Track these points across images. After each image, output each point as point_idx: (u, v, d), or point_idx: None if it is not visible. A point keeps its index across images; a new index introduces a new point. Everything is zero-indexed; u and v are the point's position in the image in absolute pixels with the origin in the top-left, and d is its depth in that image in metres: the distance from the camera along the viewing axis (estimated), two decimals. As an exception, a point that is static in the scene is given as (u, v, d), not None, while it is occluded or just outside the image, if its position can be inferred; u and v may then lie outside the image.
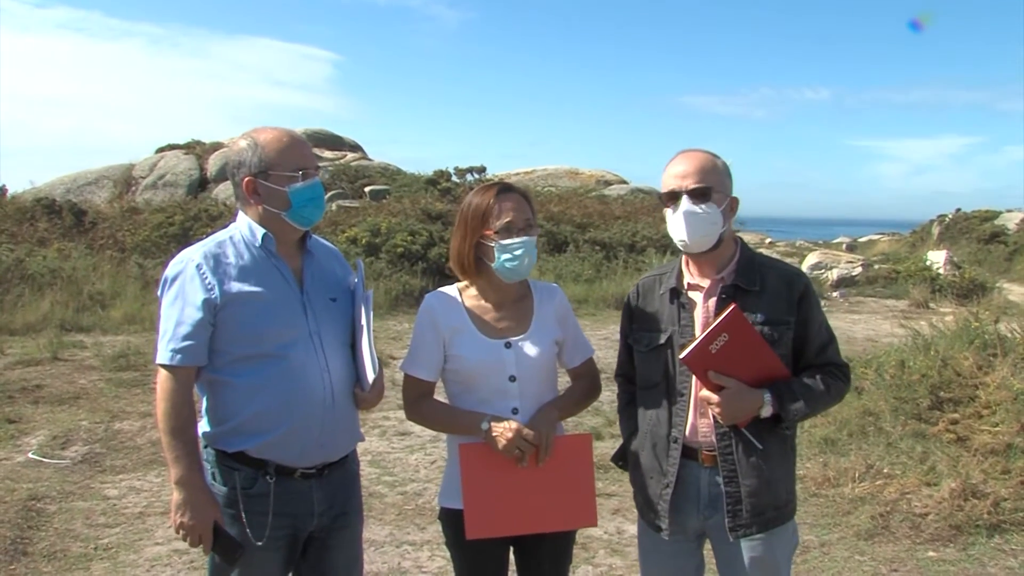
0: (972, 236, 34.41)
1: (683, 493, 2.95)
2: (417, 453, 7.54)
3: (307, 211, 2.96)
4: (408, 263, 17.83)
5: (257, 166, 2.89)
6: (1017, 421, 6.89)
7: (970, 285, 19.48)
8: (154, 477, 6.80)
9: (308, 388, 2.88)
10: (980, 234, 34.06)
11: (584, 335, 3.33)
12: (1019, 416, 6.93)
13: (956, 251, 28.67)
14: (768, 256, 3.20)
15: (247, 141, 2.93)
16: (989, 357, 8.29)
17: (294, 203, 2.91)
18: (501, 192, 3.05)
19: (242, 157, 2.91)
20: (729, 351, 2.73)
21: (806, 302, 2.93)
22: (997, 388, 7.48)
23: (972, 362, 8.12)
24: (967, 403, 7.54)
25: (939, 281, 20.30)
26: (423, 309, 3.13)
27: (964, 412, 7.39)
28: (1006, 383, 7.47)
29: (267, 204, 2.91)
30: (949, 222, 38.10)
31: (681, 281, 3.02)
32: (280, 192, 2.89)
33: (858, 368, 9.01)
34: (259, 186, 2.90)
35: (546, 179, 35.45)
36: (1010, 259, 29.23)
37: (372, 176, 30.15)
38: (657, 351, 3.01)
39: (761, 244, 35.70)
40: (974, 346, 8.59)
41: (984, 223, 35.45)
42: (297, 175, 2.91)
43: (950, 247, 29.96)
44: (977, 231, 34.69)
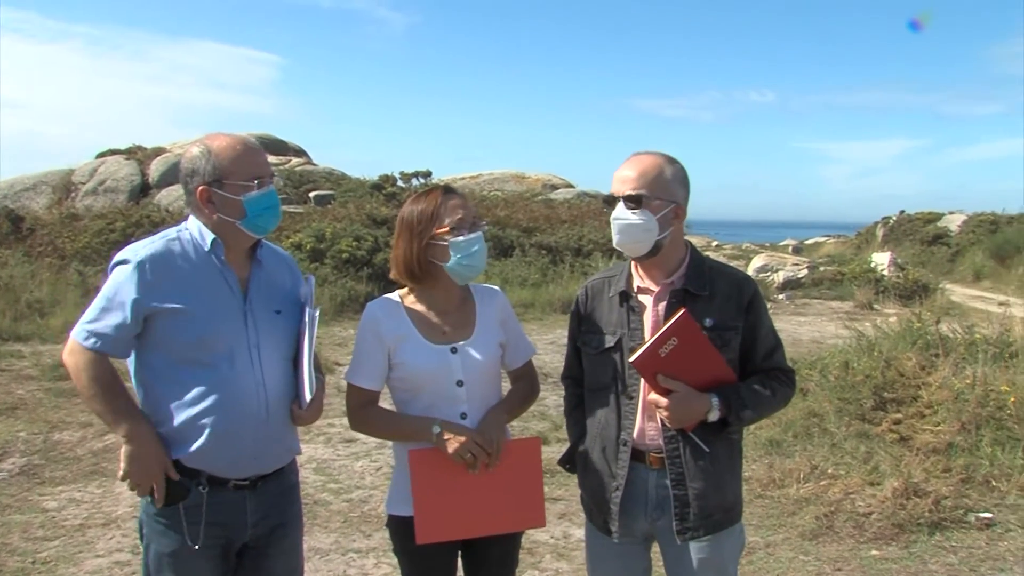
0: (916, 238, 35.08)
1: (632, 496, 2.99)
2: (363, 460, 7.54)
3: (263, 220, 2.95)
4: (353, 269, 17.78)
5: (211, 174, 2.87)
6: (958, 420, 7.08)
7: (914, 286, 19.87)
8: (95, 488, 6.72)
9: (241, 401, 2.86)
10: (924, 236, 34.72)
11: (525, 336, 3.37)
12: (959, 415, 7.12)
13: (900, 253, 29.20)
14: (717, 261, 3.24)
15: (200, 148, 2.90)
16: (932, 357, 8.50)
17: (249, 212, 2.90)
18: (445, 193, 3.09)
19: (195, 165, 2.89)
20: (678, 355, 2.78)
21: (754, 307, 2.99)
22: (939, 388, 7.67)
23: (915, 362, 8.32)
24: (910, 403, 7.73)
25: (883, 282, 20.68)
26: (366, 318, 3.14)
27: (907, 412, 7.57)
28: (947, 383, 7.66)
29: (222, 213, 2.89)
30: (893, 224, 38.80)
31: (630, 284, 3.06)
32: (235, 201, 2.88)
33: (803, 370, 9.17)
34: (213, 195, 2.88)
35: (492, 183, 35.48)
36: (953, 260, 29.83)
37: (317, 181, 29.98)
38: (606, 354, 3.04)
39: (707, 247, 36.08)
40: (917, 347, 8.80)
41: (927, 225, 36.15)
42: (252, 184, 2.90)
43: (894, 249, 30.52)
44: (921, 233, 35.36)
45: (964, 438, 6.96)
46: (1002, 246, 27.61)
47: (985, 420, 7.11)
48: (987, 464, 6.58)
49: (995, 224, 32.11)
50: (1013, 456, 6.64)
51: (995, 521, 5.84)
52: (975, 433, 7.01)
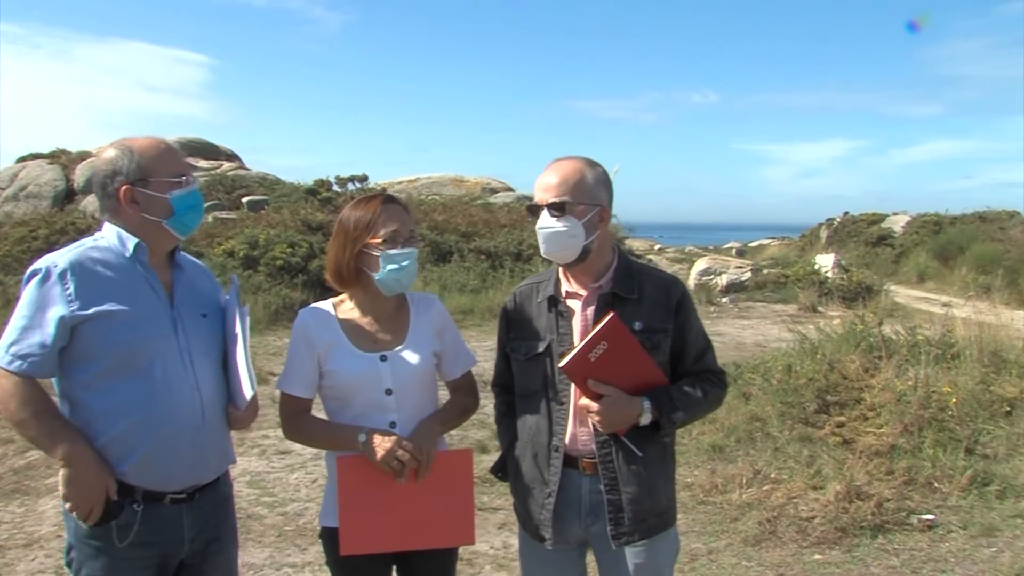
0: (860, 239, 35.70)
1: (565, 502, 3.02)
2: (298, 472, 7.50)
3: (189, 218, 2.95)
4: (288, 276, 17.66)
5: (136, 173, 2.85)
6: (900, 422, 7.23)
7: (858, 288, 20.21)
8: (16, 507, 6.61)
9: (177, 406, 2.85)
10: (868, 237, 35.36)
11: (465, 346, 3.38)
12: (902, 417, 7.27)
13: (844, 254, 29.69)
14: (645, 264, 3.30)
15: (118, 149, 2.89)
16: (875, 359, 8.67)
17: (176, 210, 2.89)
18: (386, 202, 3.10)
19: (116, 165, 2.87)
20: (608, 359, 2.81)
21: (683, 309, 3.04)
22: (881, 390, 7.83)
23: (858, 365, 8.48)
24: (853, 406, 7.87)
25: (827, 284, 21.01)
26: (297, 326, 3.15)
27: (850, 415, 7.71)
28: (890, 385, 7.83)
29: (146, 212, 2.87)
30: (837, 225, 39.43)
31: (559, 289, 3.09)
32: (161, 199, 2.87)
33: (746, 374, 9.31)
34: (138, 194, 2.86)
35: (430, 187, 35.42)
36: (897, 261, 30.40)
37: (250, 186, 29.69)
38: (536, 360, 3.07)
39: (650, 251, 36.34)
40: (860, 349, 8.97)
41: (871, 226, 36.80)
42: (179, 180, 2.90)
43: (838, 250, 31.02)
44: (865, 234, 35.99)
45: (907, 440, 7.11)
46: (945, 247, 28.24)
47: (927, 422, 7.28)
48: (929, 466, 6.73)
49: (938, 225, 32.81)
50: (955, 457, 6.80)
51: (937, 523, 5.98)
52: (917, 435, 7.17)
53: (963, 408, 7.43)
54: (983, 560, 5.49)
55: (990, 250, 25.33)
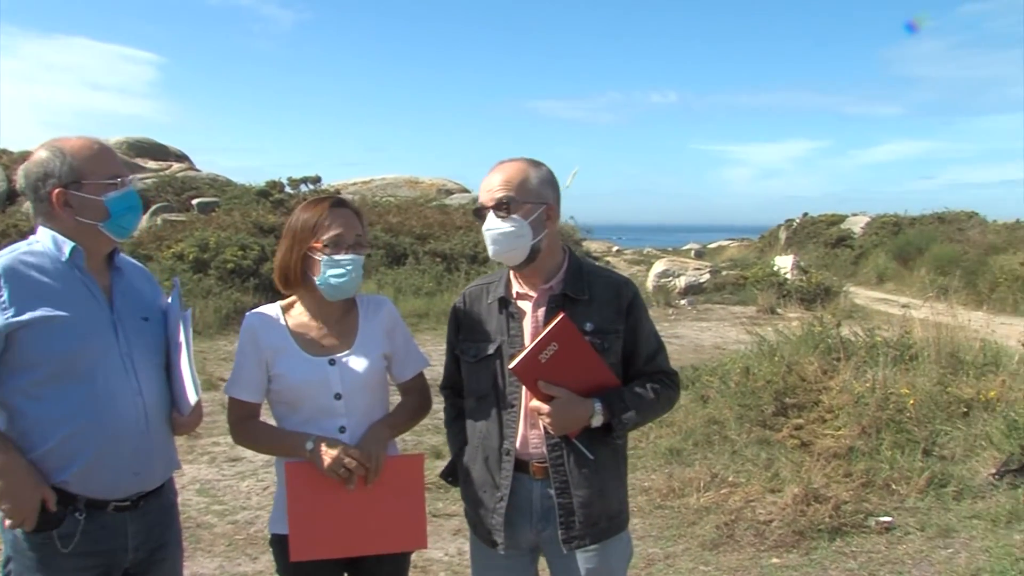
0: (819, 240, 36.13)
1: (516, 506, 3.02)
2: (249, 479, 7.45)
3: (126, 220, 2.91)
4: (239, 279, 17.57)
5: (68, 176, 2.81)
6: (858, 424, 7.32)
7: (817, 289, 20.44)
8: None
9: (119, 412, 2.81)
10: (827, 238, 35.78)
11: (417, 347, 3.37)
12: (860, 419, 7.36)
13: (803, 255, 30.01)
14: (596, 265, 3.31)
15: (50, 151, 2.83)
16: (833, 361, 8.78)
17: (113, 212, 2.85)
18: (334, 205, 3.08)
19: (48, 168, 2.81)
20: (558, 361, 2.81)
21: (635, 310, 3.05)
22: (839, 392, 7.92)
23: (816, 367, 8.57)
24: (811, 408, 7.96)
25: (786, 286, 21.24)
26: (244, 329, 3.14)
27: (808, 417, 7.80)
28: (848, 387, 7.92)
29: (81, 216, 2.83)
30: (796, 227, 39.86)
31: (509, 290, 3.09)
32: (96, 202, 2.83)
33: (704, 376, 9.39)
34: (71, 197, 2.82)
35: (385, 189, 35.37)
36: (856, 263, 30.79)
37: (200, 188, 29.41)
38: (486, 362, 3.07)
39: (608, 252, 36.49)
40: (818, 351, 9.07)
41: (831, 227, 37.24)
42: (115, 182, 2.86)
43: (797, 252, 31.36)
44: (824, 235, 36.42)
45: (865, 442, 7.19)
46: (904, 248, 28.69)
47: (885, 423, 7.37)
48: (887, 468, 6.82)
49: (898, 226, 33.28)
50: (912, 459, 6.89)
51: (895, 525, 6.05)
52: (875, 437, 7.26)
53: (921, 409, 7.53)
54: (940, 561, 5.57)
55: (949, 251, 25.75)
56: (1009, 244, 25.28)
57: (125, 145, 32.66)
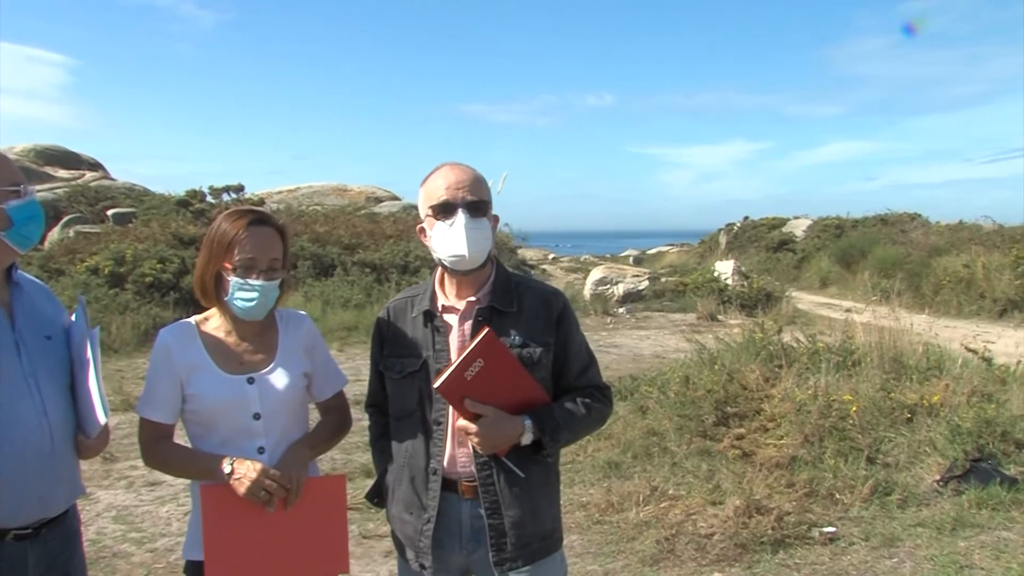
0: (760, 244, 36.64)
1: (445, 527, 3.01)
2: (169, 504, 7.36)
3: (28, 230, 2.87)
4: (158, 294, 17.35)
5: None
6: (800, 432, 7.45)
7: (758, 295, 20.71)
8: None
9: (23, 435, 2.76)
10: (768, 242, 36.28)
11: (336, 365, 3.37)
12: (802, 427, 7.49)
13: (744, 260, 30.39)
14: (524, 276, 3.32)
15: None
16: (775, 368, 8.92)
17: (16, 221, 2.81)
18: (253, 223, 3.03)
19: None
20: (485, 377, 2.80)
21: (565, 323, 3.07)
22: (781, 400, 8.06)
23: (758, 375, 8.71)
24: (753, 417, 8.08)
25: (727, 292, 21.51)
26: (157, 346, 3.09)
27: (750, 426, 7.91)
28: (790, 394, 8.05)
29: None
30: (737, 231, 40.37)
31: (435, 303, 3.09)
32: None
33: (643, 387, 9.48)
34: None
35: (311, 197, 35.19)
36: (799, 267, 31.27)
37: (115, 197, 29.01)
38: (411, 378, 3.06)
39: (545, 260, 36.65)
40: (760, 358, 9.21)
41: (772, 231, 37.76)
42: (18, 189, 2.82)
43: (738, 256, 31.73)
44: (765, 239, 36.92)
45: (807, 451, 7.33)
46: (847, 251, 29.18)
47: (828, 431, 7.52)
48: (830, 477, 6.95)
49: (840, 228, 33.85)
50: (856, 467, 7.03)
51: (839, 535, 6.17)
52: (818, 445, 7.40)
53: (864, 416, 7.69)
54: (884, 571, 5.69)
55: (892, 253, 26.25)
56: (952, 245, 25.80)
57: (32, 153, 32.10)
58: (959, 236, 27.75)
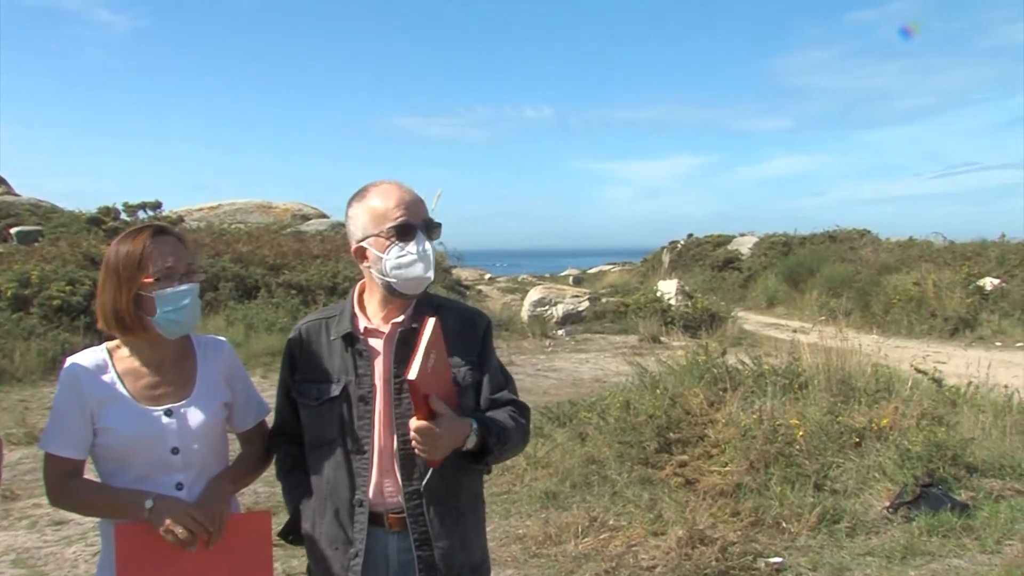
0: (705, 263, 36.99)
1: (371, 563, 2.98)
2: (76, 545, 7.21)
3: None
4: (67, 318, 17.04)
5: None
6: (746, 459, 7.50)
7: (703, 316, 20.90)
8: None
9: None
10: (713, 260, 36.63)
11: (257, 393, 3.32)
12: (747, 453, 7.54)
13: (688, 279, 30.66)
14: (446, 297, 3.35)
15: None
16: (719, 392, 8.97)
17: None
18: (155, 235, 3.00)
19: None
20: (435, 371, 2.75)
21: (487, 344, 3.10)
22: (726, 425, 8.11)
23: (702, 399, 8.76)
24: (696, 443, 8.13)
25: (670, 313, 21.68)
26: (65, 376, 3.00)
27: (693, 453, 7.95)
28: (734, 419, 8.11)
29: None
30: (681, 249, 40.71)
31: (356, 325, 3.06)
32: None
33: (582, 412, 9.48)
34: None
35: (234, 214, 34.86)
36: (745, 286, 31.61)
37: (20, 215, 28.52)
38: (330, 405, 3.02)
39: (481, 280, 36.66)
40: (704, 381, 9.28)
41: (717, 248, 38.12)
42: None
43: (682, 276, 32.01)
44: (710, 257, 37.27)
45: (753, 478, 7.38)
46: (795, 269, 29.53)
47: (774, 457, 7.58)
48: (777, 504, 7.00)
49: (788, 246, 34.24)
50: (803, 494, 7.10)
51: (785, 565, 6.21)
52: (764, 472, 7.45)
53: (811, 441, 7.77)
54: (833, 603, 5.74)
55: (840, 271, 26.62)
56: (902, 263, 26.26)
57: (-77, 166, 31.53)
58: (909, 253, 28.27)
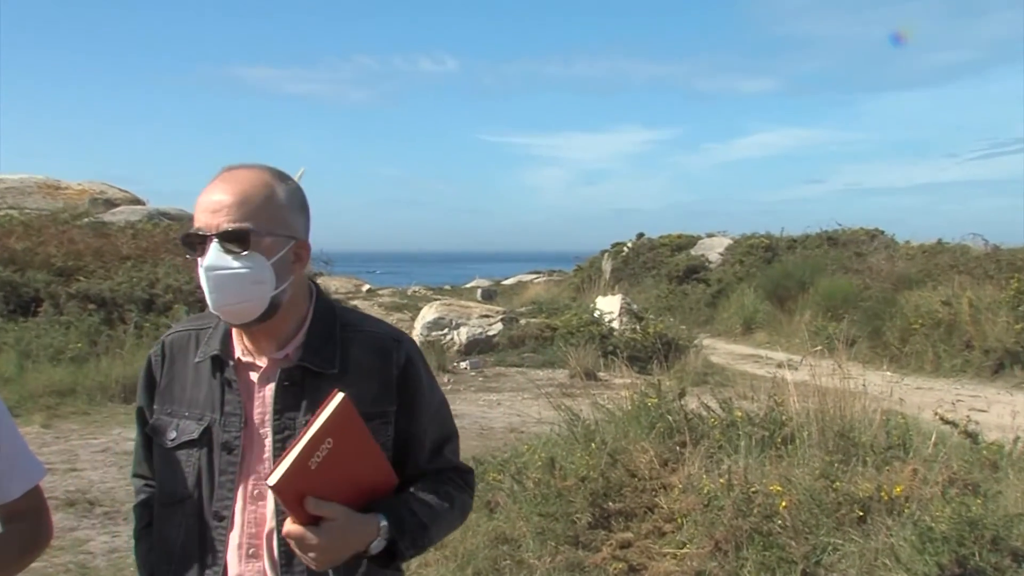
0: (660, 272, 37.05)
1: None
2: None
3: None
4: None
5: None
6: (710, 537, 7.60)
7: (656, 344, 20.94)
8: None
9: None
10: (672, 269, 36.78)
11: (28, 451, 3.16)
12: (712, 530, 7.64)
13: (637, 295, 30.79)
14: (358, 314, 3.26)
15: None
16: (675, 447, 9.06)
17: None
18: None
19: None
20: (334, 462, 2.64)
21: (411, 380, 3.01)
22: (684, 492, 8.21)
23: (652, 456, 8.86)
24: (644, 516, 8.21)
25: (612, 340, 21.76)
26: None
27: (640, 529, 8.04)
28: (695, 483, 8.21)
29: None
30: (628, 254, 40.85)
31: (229, 348, 3.00)
32: None
33: (491, 473, 9.51)
34: None
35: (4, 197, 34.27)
36: (713, 304, 31.75)
37: None
38: (187, 450, 2.95)
39: (356, 292, 36.52)
40: (655, 433, 9.35)
41: (677, 253, 38.29)
42: None
43: (629, 290, 32.12)
44: (668, 265, 37.41)
45: (719, 563, 7.47)
46: (781, 282, 29.63)
47: (748, 536, 7.65)
48: (751, 601, 7.11)
49: (771, 251, 34.51)
50: (787, 587, 7.21)
51: None
52: (735, 555, 7.54)
53: (799, 515, 7.84)
54: None
55: (843, 286, 26.82)
56: (927, 275, 26.32)
57: None
58: (937, 262, 28.22)
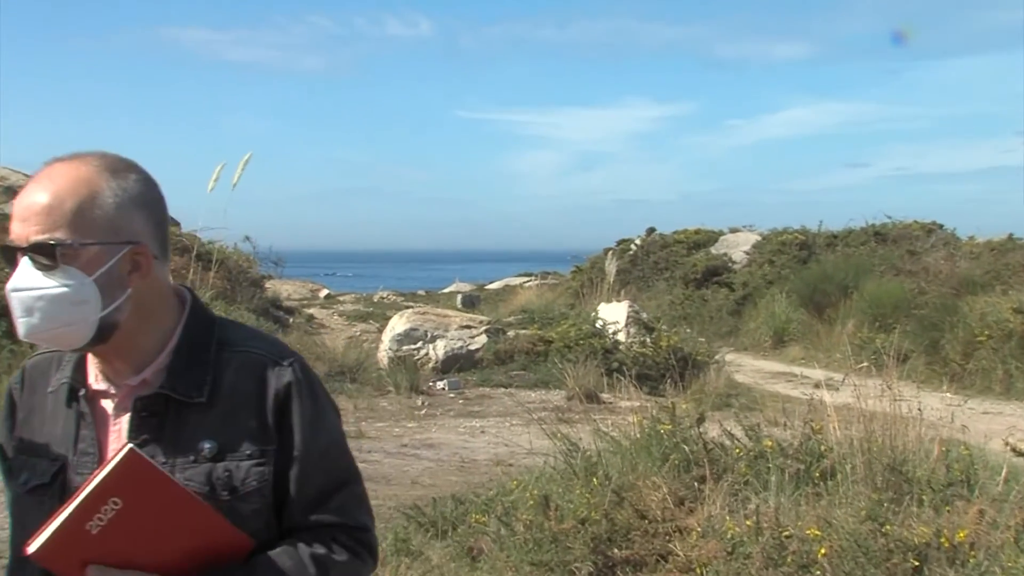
0: (675, 275, 37.08)
1: None
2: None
3: None
4: None
5: None
6: (737, 590, 7.47)
7: (669, 359, 20.86)
8: None
9: None
10: (688, 271, 36.79)
11: None
12: (739, 581, 7.51)
13: (648, 301, 30.77)
14: (245, 331, 3.15)
15: None
16: (693, 483, 8.93)
17: None
18: None
19: None
20: (126, 526, 2.57)
21: (289, 413, 2.89)
22: (703, 536, 8.06)
23: (665, 493, 8.72)
24: (656, 565, 8.09)
25: (618, 355, 21.66)
26: None
27: (652, 581, 7.91)
28: (717, 526, 8.07)
29: None
30: (636, 253, 40.86)
31: (83, 375, 2.90)
32: None
33: (473, 515, 9.40)
34: None
35: None
36: (738, 312, 31.68)
37: None
38: (38, 495, 2.87)
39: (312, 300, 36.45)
40: (669, 466, 9.22)
41: (694, 252, 38.26)
42: None
43: (637, 295, 32.07)
44: (684, 266, 37.42)
45: (747, 622, 7.35)
46: (819, 287, 29.56)
47: (781, 588, 7.54)
48: (786, 667, 6.97)
49: (807, 249, 34.45)
50: (828, 650, 7.06)
51: None
52: (765, 612, 7.42)
53: (841, 564, 7.74)
54: None
55: (893, 290, 26.78)
56: (995, 277, 26.31)
57: None
58: (1007, 261, 28.27)
